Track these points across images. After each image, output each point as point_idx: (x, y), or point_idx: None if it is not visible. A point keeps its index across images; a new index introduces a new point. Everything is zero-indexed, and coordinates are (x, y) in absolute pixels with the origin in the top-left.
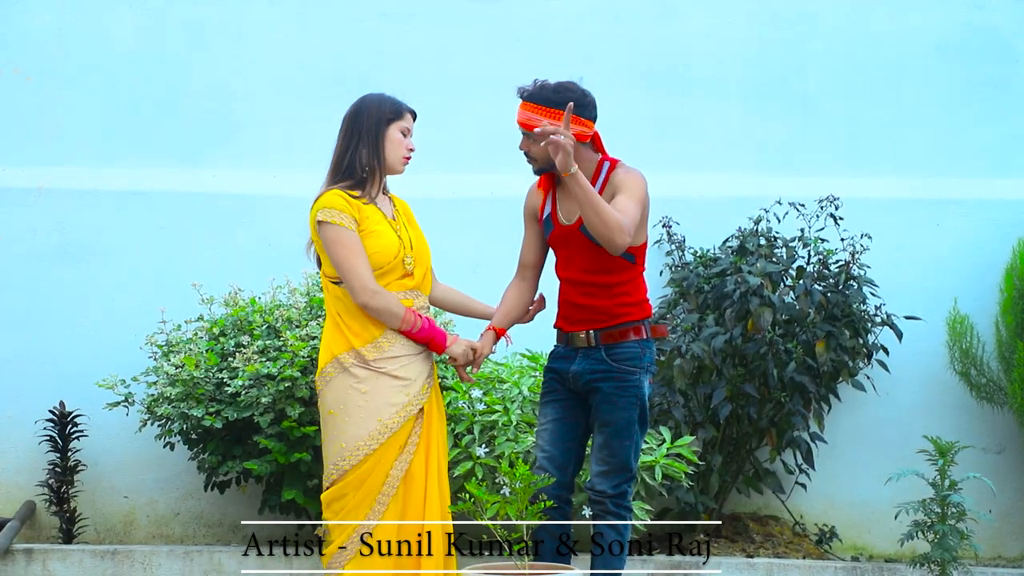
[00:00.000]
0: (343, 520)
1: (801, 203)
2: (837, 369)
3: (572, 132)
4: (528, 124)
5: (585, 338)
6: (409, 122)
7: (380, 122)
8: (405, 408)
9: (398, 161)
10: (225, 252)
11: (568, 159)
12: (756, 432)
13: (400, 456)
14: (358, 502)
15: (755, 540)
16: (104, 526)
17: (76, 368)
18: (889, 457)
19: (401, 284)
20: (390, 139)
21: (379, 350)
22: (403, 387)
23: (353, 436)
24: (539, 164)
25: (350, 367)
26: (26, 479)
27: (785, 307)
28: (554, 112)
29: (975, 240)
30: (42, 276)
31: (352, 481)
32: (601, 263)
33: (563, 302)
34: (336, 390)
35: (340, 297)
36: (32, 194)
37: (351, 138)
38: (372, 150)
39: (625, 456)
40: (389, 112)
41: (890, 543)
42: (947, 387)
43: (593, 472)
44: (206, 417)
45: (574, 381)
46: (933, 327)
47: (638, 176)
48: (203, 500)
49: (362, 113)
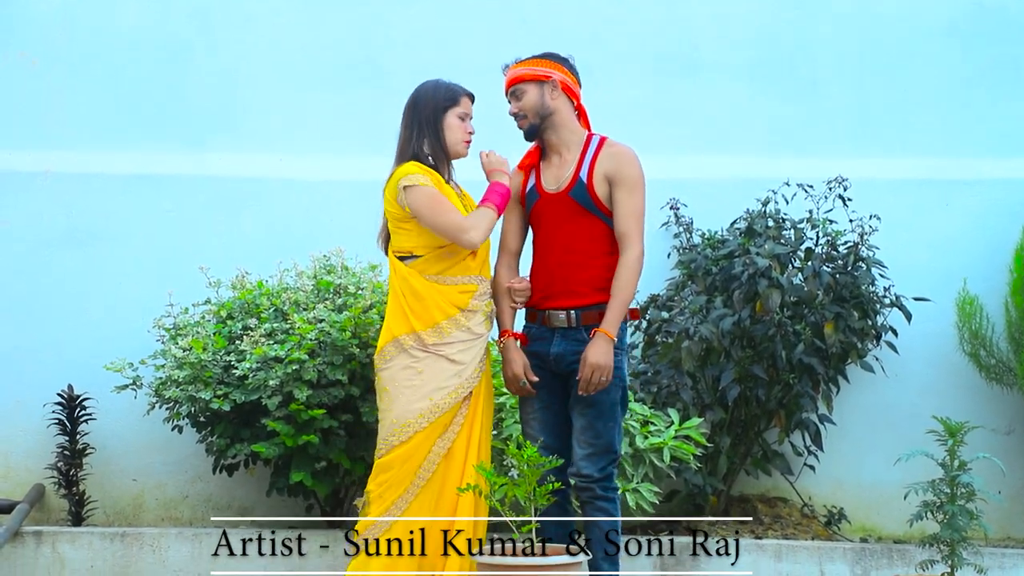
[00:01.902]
0: (384, 493)
1: (809, 184)
2: (846, 350)
3: (558, 79)
4: (515, 78)
5: (565, 318)
6: (466, 106)
7: (437, 110)
8: (456, 391)
9: (459, 144)
10: (232, 235)
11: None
12: (764, 414)
13: (444, 434)
14: (402, 476)
15: (763, 522)
16: (113, 509)
17: (84, 352)
18: (898, 438)
19: (464, 266)
20: (449, 126)
21: (440, 335)
22: (458, 371)
23: (404, 413)
24: (530, 119)
25: (409, 348)
26: (35, 462)
27: (793, 288)
28: (540, 61)
29: (984, 220)
30: (49, 260)
31: (399, 456)
32: (587, 229)
33: (537, 275)
34: (393, 368)
35: (406, 278)
36: (38, 178)
37: (412, 128)
38: (433, 138)
39: (609, 437)
40: (444, 99)
41: (899, 524)
42: (956, 368)
43: (578, 456)
44: (214, 400)
45: (556, 363)
46: (942, 308)
47: (633, 158)
48: (211, 483)
49: (420, 102)
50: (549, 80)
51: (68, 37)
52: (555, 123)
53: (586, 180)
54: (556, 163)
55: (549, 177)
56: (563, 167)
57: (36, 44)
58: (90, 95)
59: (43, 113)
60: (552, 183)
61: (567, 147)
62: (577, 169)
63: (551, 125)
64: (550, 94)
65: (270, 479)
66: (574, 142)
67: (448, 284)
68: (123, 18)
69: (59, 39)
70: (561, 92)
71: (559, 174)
